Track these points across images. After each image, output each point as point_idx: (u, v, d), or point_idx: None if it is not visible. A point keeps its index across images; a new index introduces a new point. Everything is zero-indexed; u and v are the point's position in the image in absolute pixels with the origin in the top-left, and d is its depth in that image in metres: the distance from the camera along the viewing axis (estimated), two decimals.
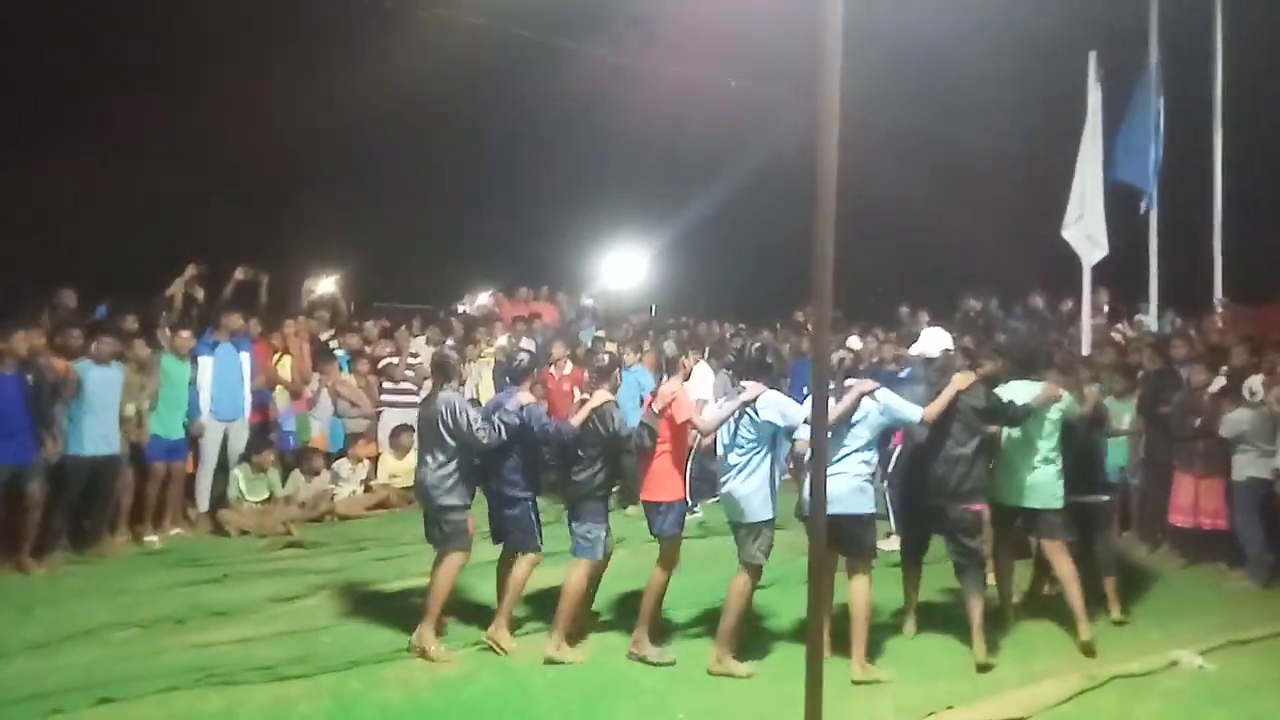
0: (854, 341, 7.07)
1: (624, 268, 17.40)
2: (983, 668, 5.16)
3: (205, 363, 8.05)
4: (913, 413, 5.30)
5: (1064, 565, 5.61)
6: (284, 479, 8.59)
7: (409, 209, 17.20)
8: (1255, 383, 6.83)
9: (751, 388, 5.20)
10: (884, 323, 11.28)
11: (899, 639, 5.64)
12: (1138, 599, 6.55)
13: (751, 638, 5.59)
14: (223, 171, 15.06)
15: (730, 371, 9.30)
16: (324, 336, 9.75)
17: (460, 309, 12.46)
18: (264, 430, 8.51)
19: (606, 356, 6.07)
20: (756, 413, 5.10)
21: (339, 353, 9.67)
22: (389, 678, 5.00)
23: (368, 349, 9.92)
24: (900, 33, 10.51)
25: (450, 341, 9.43)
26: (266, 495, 8.39)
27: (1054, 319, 10.81)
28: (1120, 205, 9.14)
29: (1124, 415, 8.04)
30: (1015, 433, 5.67)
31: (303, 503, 8.54)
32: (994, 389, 5.63)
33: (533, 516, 5.49)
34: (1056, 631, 5.77)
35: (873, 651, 5.19)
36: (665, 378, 6.34)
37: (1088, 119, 8.78)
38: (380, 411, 9.43)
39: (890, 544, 6.63)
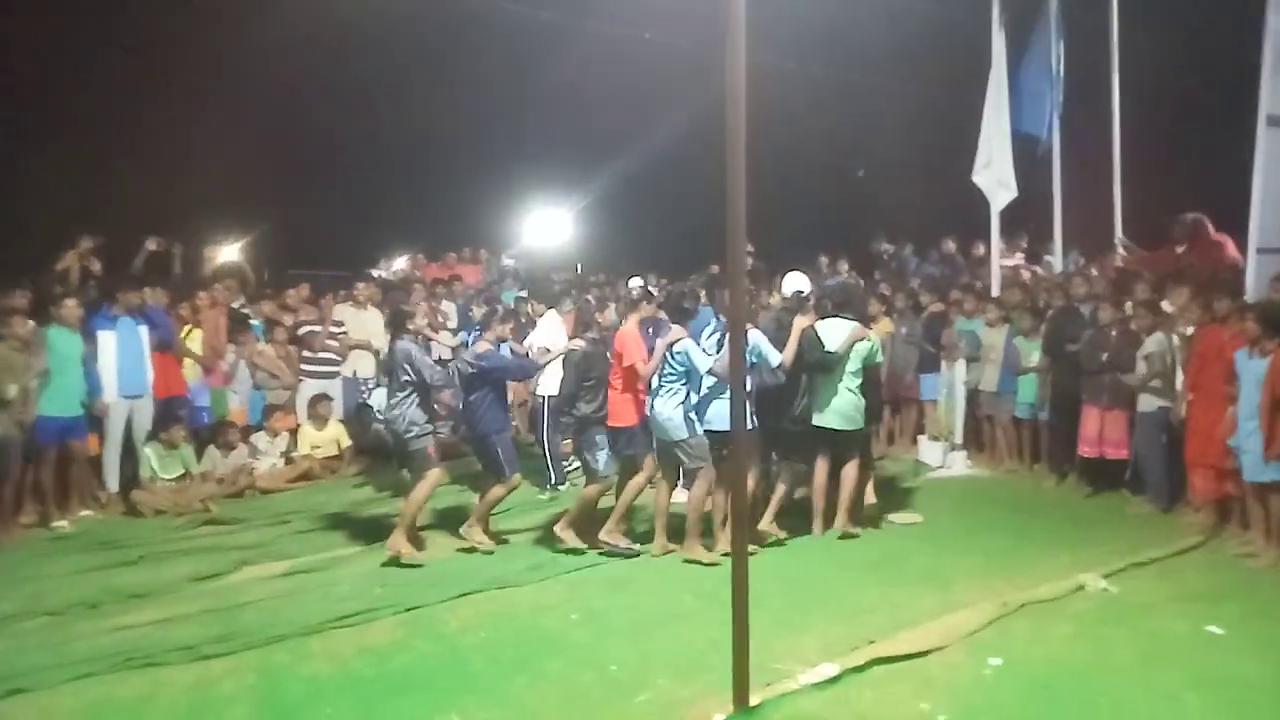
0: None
1: (547, 227, 17.21)
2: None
3: (106, 338, 7.66)
4: (774, 356, 6.23)
5: (850, 474, 6.66)
6: (199, 455, 8.32)
7: (321, 172, 16.62)
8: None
9: (675, 331, 6.22)
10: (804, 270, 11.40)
11: (817, 583, 5.78)
12: (1047, 527, 6.88)
13: (681, 583, 5.71)
14: (125, 139, 14.27)
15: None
16: (235, 305, 9.40)
17: (377, 274, 12.15)
18: (170, 405, 8.17)
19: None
20: (673, 353, 6.16)
21: (254, 322, 9.35)
22: (316, 650, 4.91)
23: (288, 318, 9.58)
24: None
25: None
26: (181, 473, 8.10)
27: (966, 262, 11.09)
28: (1027, 148, 9.36)
29: (1032, 353, 8.36)
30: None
31: (220, 479, 8.29)
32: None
33: (499, 451, 6.40)
34: (969, 563, 6.02)
35: (789, 594, 5.41)
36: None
37: (992, 64, 8.93)
38: (301, 382, 9.16)
39: None
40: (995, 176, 8.91)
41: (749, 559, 4.17)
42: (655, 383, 6.26)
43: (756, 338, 6.14)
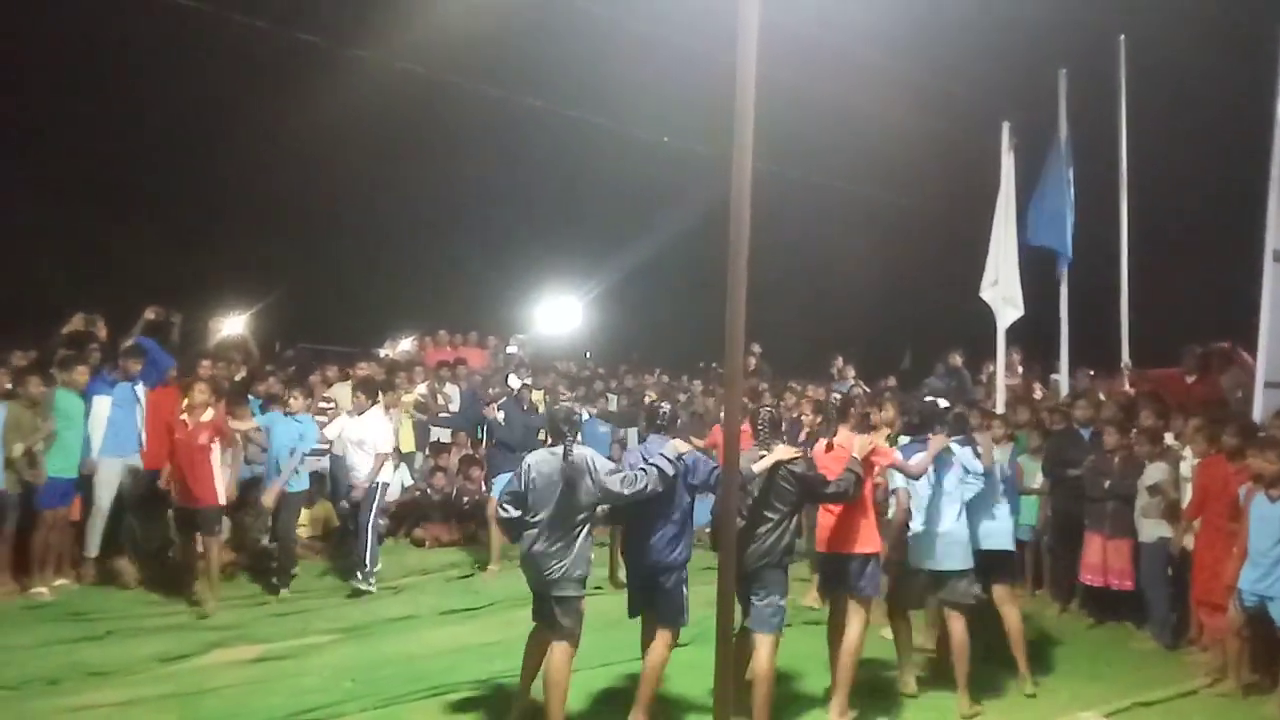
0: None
1: (557, 314, 17.33)
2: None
3: (102, 401, 7.65)
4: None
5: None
6: None
7: (332, 251, 16.93)
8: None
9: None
10: (812, 377, 11.42)
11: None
12: (1048, 659, 6.61)
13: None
14: (136, 208, 14.63)
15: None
16: (237, 378, 9.38)
17: (382, 353, 12.19)
18: (159, 476, 8.06)
19: (767, 411, 5.30)
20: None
21: (250, 397, 9.31)
22: None
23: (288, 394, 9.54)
24: (823, 98, 10.84)
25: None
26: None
27: (974, 377, 11.06)
28: (1033, 269, 9.44)
29: (1036, 473, 8.21)
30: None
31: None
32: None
33: (684, 589, 4.97)
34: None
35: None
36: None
37: (1001, 186, 9.08)
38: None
39: None
40: (1002, 294, 8.94)
41: None
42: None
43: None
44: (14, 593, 7.07)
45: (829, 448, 5.40)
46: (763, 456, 4.97)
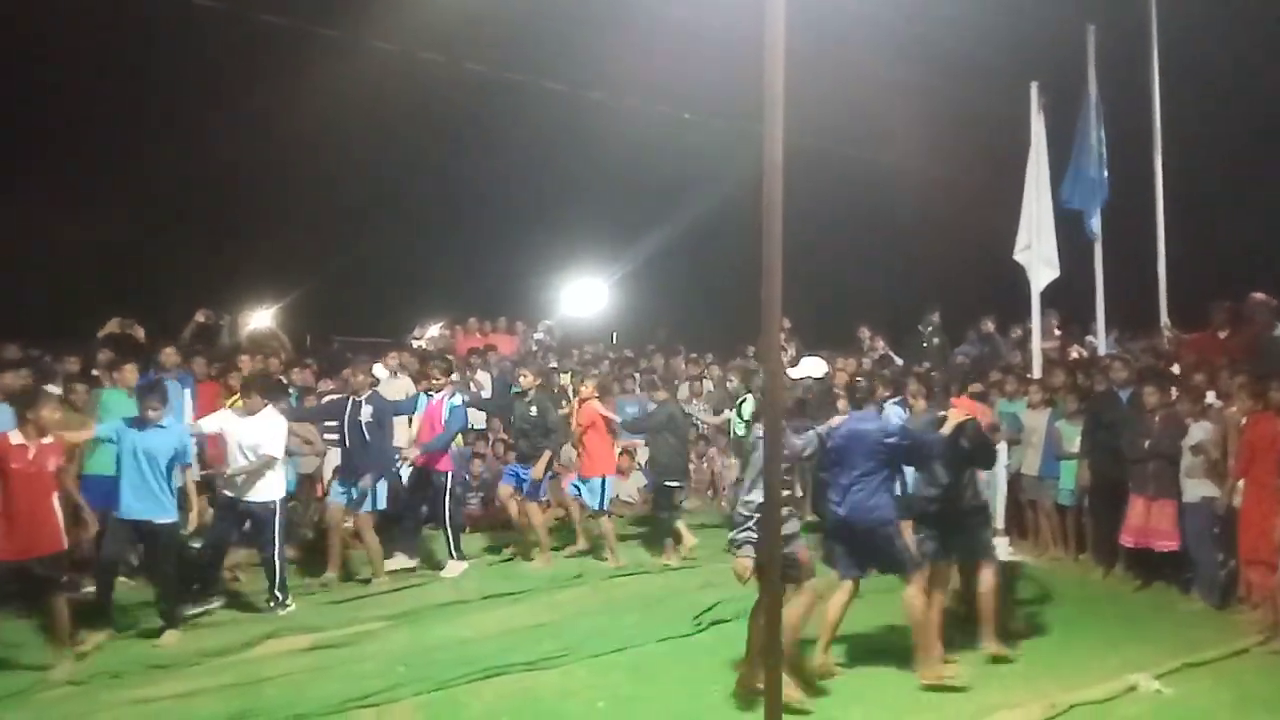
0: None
1: (583, 297, 17.34)
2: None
3: None
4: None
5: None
6: None
7: (361, 239, 17.02)
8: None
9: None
10: (842, 347, 11.34)
11: (850, 679, 5.54)
12: (1094, 622, 6.59)
13: (712, 675, 5.51)
14: (166, 207, 14.80)
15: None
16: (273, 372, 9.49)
17: (415, 341, 12.27)
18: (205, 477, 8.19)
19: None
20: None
21: (292, 391, 9.42)
22: None
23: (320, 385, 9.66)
24: (846, 64, 10.69)
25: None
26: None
27: (1006, 342, 10.95)
28: (1068, 230, 9.31)
29: (1074, 437, 8.14)
30: None
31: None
32: None
33: (897, 541, 5.45)
34: (1012, 659, 5.76)
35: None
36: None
37: (1032, 148, 8.94)
38: (326, 451, 9.13)
39: None
40: (1037, 255, 8.84)
41: None
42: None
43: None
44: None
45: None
46: (943, 419, 5.58)
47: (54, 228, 13.76)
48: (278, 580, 6.82)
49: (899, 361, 10.60)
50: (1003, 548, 8.51)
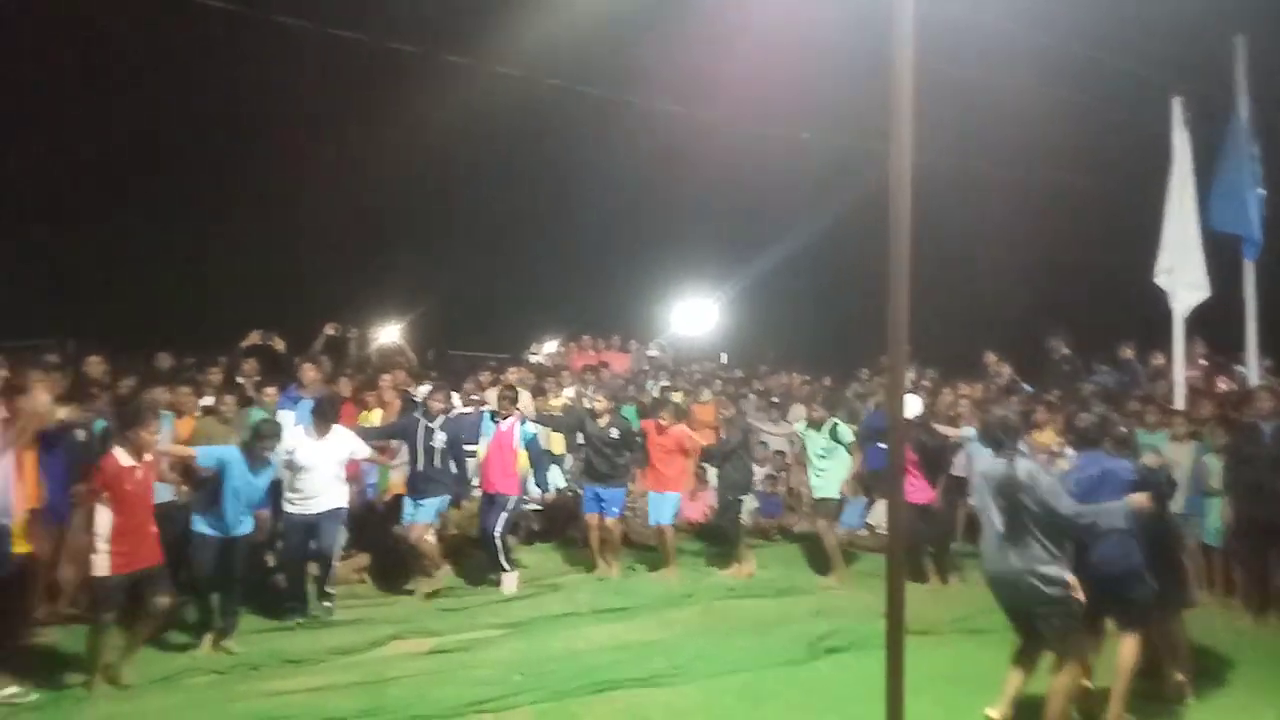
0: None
1: (694, 316, 17.39)
2: None
3: (287, 417, 8.15)
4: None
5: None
6: (362, 528, 8.63)
7: (478, 262, 17.63)
8: None
9: None
10: (963, 373, 10.96)
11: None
12: (1243, 673, 6.10)
13: (828, 705, 5.39)
14: (300, 229, 15.72)
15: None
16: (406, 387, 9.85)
17: (533, 358, 12.58)
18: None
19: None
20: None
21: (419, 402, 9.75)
22: None
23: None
24: (981, 77, 10.36)
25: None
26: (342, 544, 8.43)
27: (1145, 370, 10.33)
28: (1215, 252, 8.76)
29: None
30: None
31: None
32: None
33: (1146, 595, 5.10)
34: (1153, 708, 5.39)
35: None
36: None
37: (1174, 165, 8.47)
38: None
39: None
40: (1180, 278, 8.35)
41: None
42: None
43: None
44: None
45: None
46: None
47: (198, 245, 14.87)
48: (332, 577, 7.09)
49: (1027, 389, 10.16)
50: None
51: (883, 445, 6.87)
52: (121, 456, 5.59)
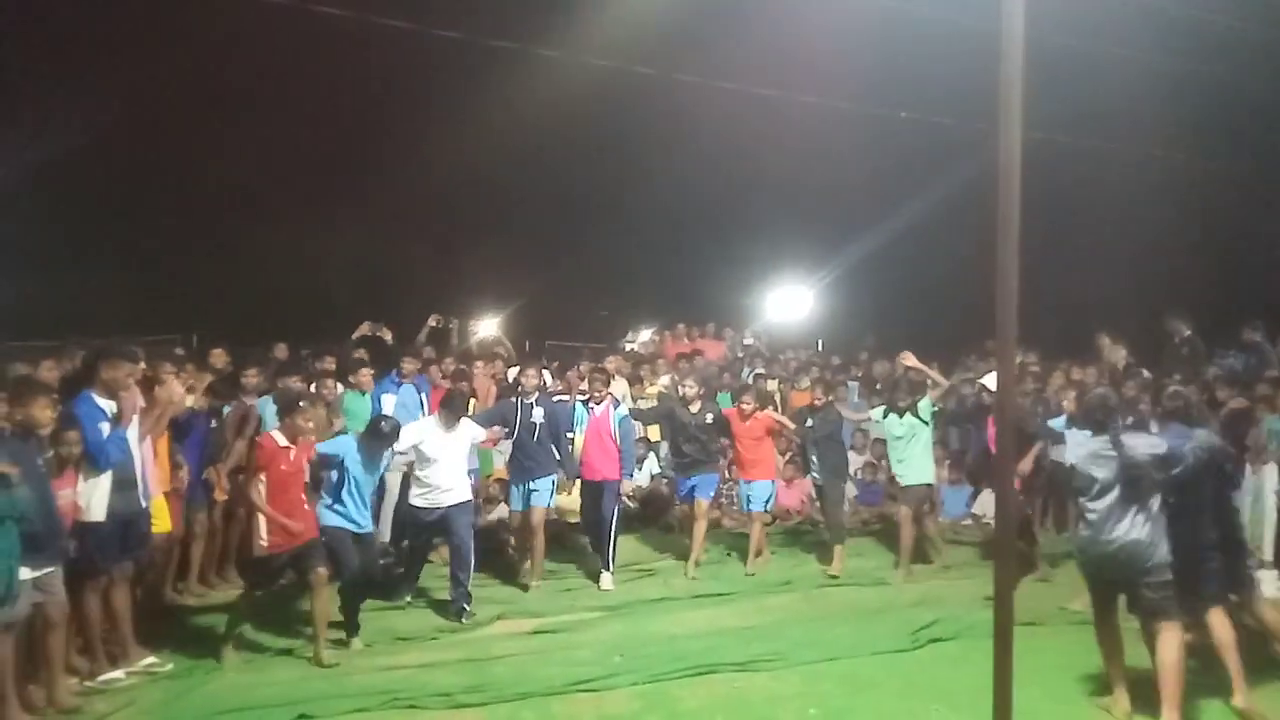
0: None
1: (788, 303, 17.19)
2: None
3: (388, 399, 8.48)
4: None
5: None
6: None
7: (576, 248, 17.87)
8: None
9: None
10: (1075, 354, 10.49)
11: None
12: None
13: (931, 692, 5.29)
14: (405, 226, 16.28)
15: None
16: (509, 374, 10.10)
17: (629, 346, 12.68)
18: None
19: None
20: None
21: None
22: (558, 711, 5.09)
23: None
24: (1101, 49, 9.84)
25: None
26: None
27: (1274, 351, 9.68)
28: None
29: None
30: None
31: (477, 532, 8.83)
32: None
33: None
34: None
35: None
36: None
37: None
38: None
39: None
40: None
41: None
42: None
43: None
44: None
45: None
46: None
47: (310, 242, 15.56)
48: (469, 576, 6.89)
49: (1145, 374, 9.66)
50: (1271, 582, 7.57)
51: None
52: (279, 438, 5.90)
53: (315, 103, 15.97)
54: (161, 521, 6.12)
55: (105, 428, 5.34)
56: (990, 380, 7.72)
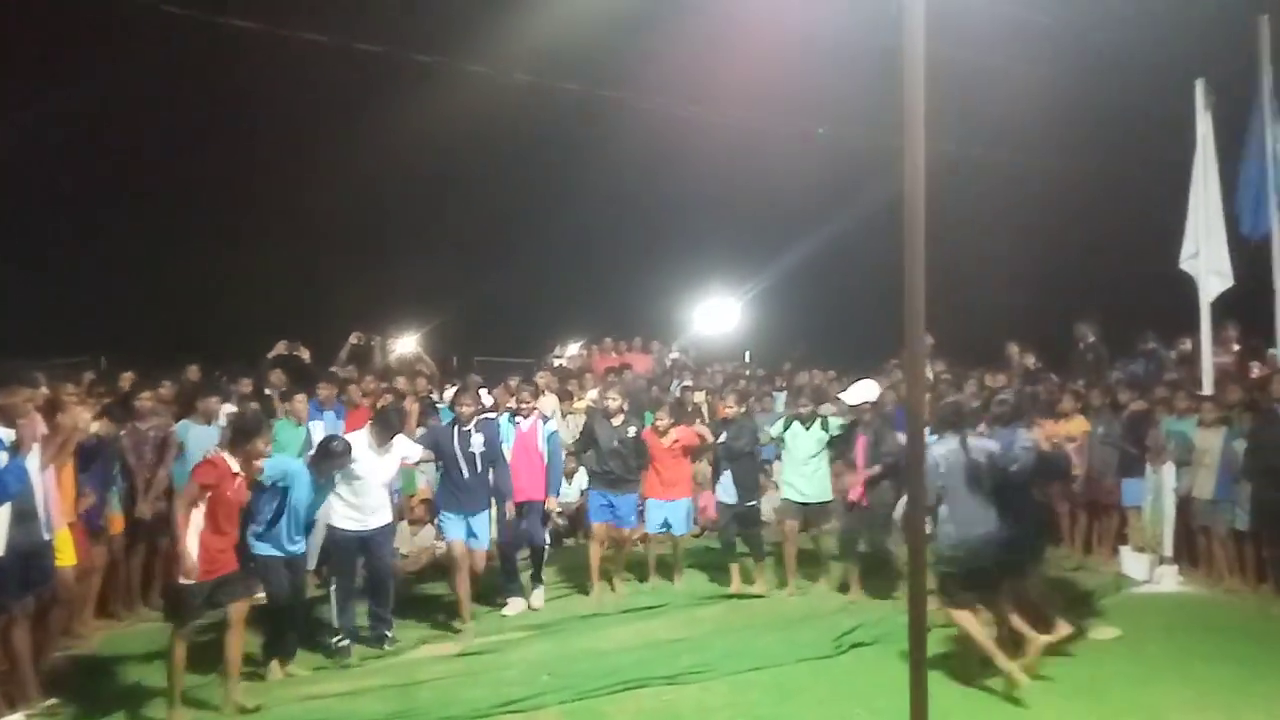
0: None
1: (716, 316, 17.40)
2: None
3: (316, 427, 8.28)
4: None
5: None
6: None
7: (496, 268, 17.78)
8: None
9: None
10: (990, 363, 10.88)
11: (1006, 713, 5.30)
12: (1277, 660, 6.02)
13: (854, 697, 5.39)
14: (325, 243, 15.98)
15: None
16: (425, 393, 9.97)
17: (556, 361, 12.65)
18: None
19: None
20: None
21: (440, 407, 9.86)
22: None
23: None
24: (997, 64, 10.28)
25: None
26: None
27: (1171, 357, 10.20)
28: (1240, 238, 8.62)
29: None
30: None
31: (405, 554, 8.68)
32: None
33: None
34: (1184, 696, 5.35)
35: None
36: None
37: (1198, 149, 8.35)
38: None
39: None
40: (1205, 264, 8.24)
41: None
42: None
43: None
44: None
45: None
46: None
47: (225, 259, 15.15)
48: (391, 602, 6.69)
49: (1052, 378, 10.07)
50: (1170, 577, 7.96)
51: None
52: (231, 462, 5.45)
53: (230, 118, 15.59)
54: (66, 555, 5.83)
55: (3, 457, 5.07)
56: (851, 395, 7.77)
